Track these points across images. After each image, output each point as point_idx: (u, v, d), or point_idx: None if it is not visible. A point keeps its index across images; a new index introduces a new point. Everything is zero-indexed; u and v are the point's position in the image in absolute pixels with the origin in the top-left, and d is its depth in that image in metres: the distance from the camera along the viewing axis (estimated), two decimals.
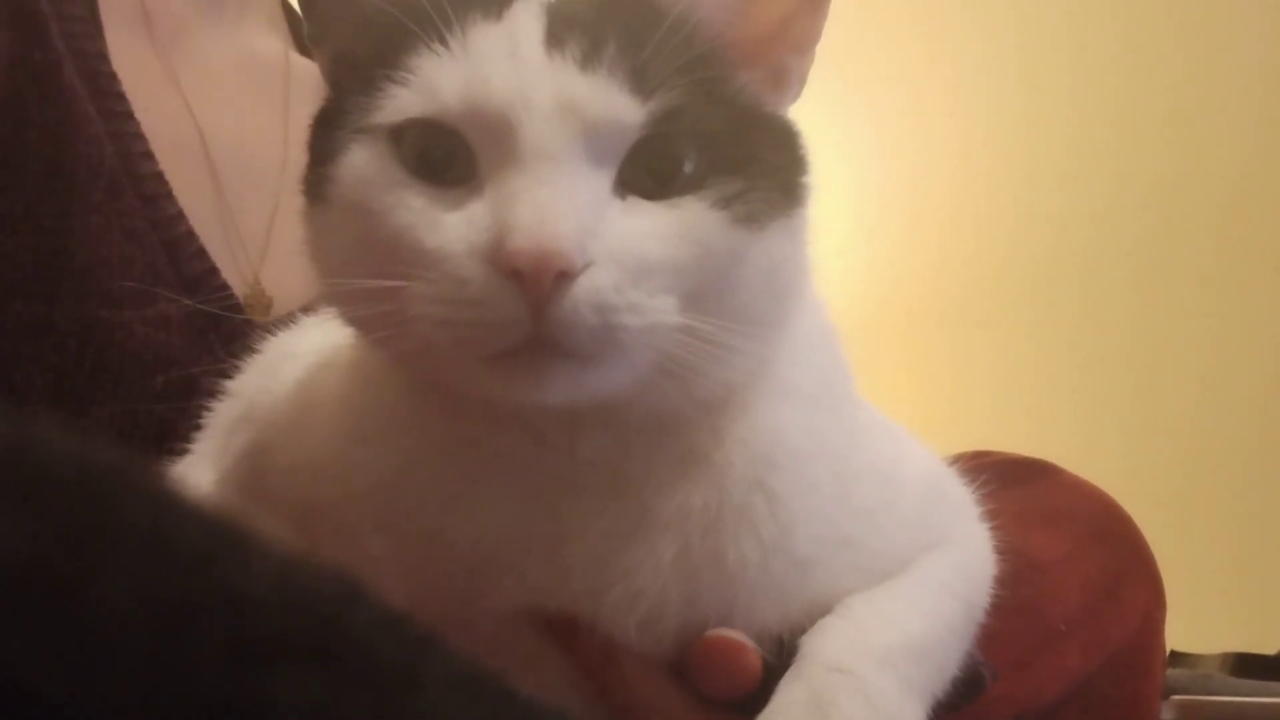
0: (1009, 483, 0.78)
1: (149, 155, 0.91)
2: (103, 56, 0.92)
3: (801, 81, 0.59)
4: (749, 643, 0.57)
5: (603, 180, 0.50)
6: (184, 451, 0.74)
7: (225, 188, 0.97)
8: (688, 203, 0.51)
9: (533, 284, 0.47)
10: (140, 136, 0.91)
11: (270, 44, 1.06)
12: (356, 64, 0.54)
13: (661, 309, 0.49)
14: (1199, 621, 1.40)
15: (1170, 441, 2.10)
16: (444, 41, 0.51)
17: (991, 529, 0.71)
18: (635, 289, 0.49)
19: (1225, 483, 2.05)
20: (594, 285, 0.48)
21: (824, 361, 0.63)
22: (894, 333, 2.23)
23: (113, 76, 0.91)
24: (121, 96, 0.91)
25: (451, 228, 0.49)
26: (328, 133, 0.54)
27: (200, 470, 0.71)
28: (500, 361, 0.49)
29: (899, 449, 0.67)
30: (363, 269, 0.51)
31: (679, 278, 0.50)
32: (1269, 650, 1.60)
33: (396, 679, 0.28)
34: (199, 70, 1.00)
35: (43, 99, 0.86)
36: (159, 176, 0.91)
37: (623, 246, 0.49)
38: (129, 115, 0.91)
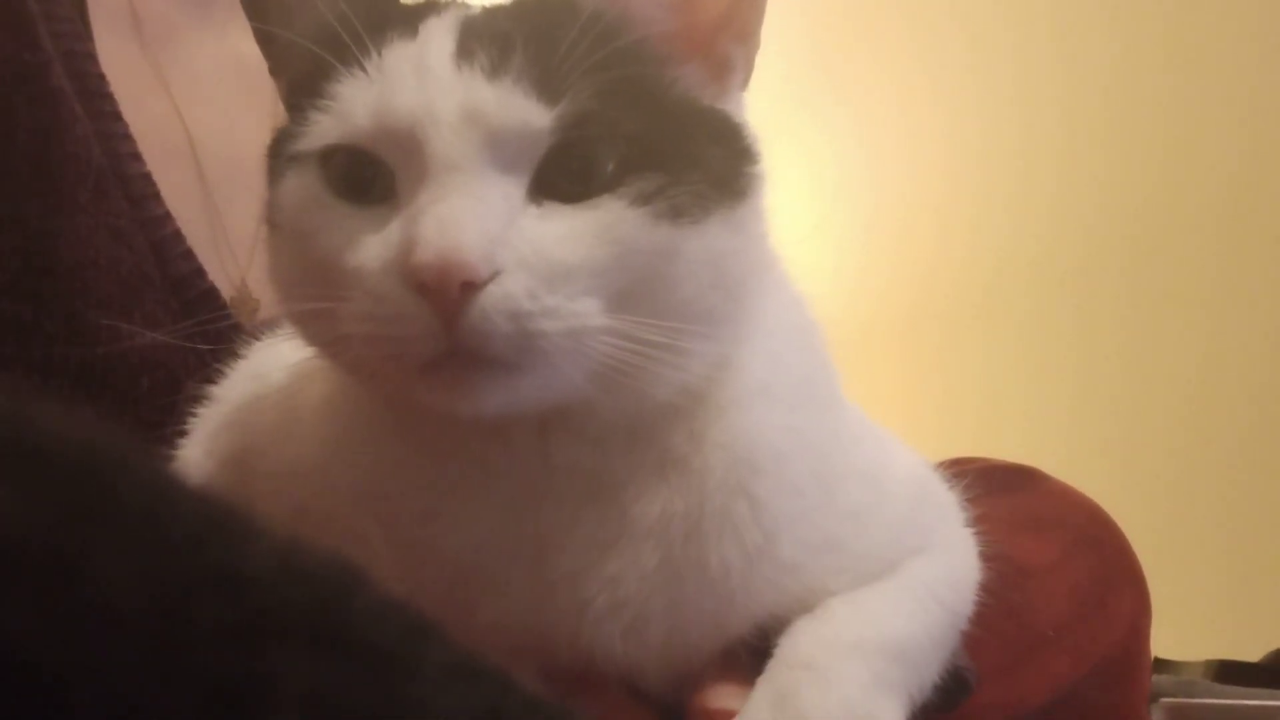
0: (995, 489, 0.78)
1: (137, 156, 0.91)
2: (91, 57, 0.92)
3: (748, 69, 0.58)
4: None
5: (514, 188, 0.50)
6: (169, 455, 0.73)
7: (213, 190, 0.97)
8: (605, 202, 0.50)
9: (438, 296, 0.47)
10: (128, 137, 0.91)
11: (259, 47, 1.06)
12: (297, 96, 0.55)
13: (582, 312, 0.49)
14: (1184, 629, 1.41)
15: (1158, 450, 2.11)
16: (363, 66, 0.52)
17: (979, 535, 0.71)
18: (551, 294, 0.48)
19: (1211, 492, 2.06)
20: (504, 293, 0.48)
21: (803, 359, 0.62)
22: (885, 339, 2.23)
23: (101, 77, 0.91)
24: (110, 97, 0.91)
25: (369, 246, 0.50)
26: (273, 161, 0.56)
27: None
28: (428, 373, 0.49)
29: (884, 451, 0.67)
30: (305, 291, 0.52)
31: (601, 279, 0.50)
32: (1253, 658, 1.61)
33: (395, 663, 0.28)
34: (187, 72, 1.00)
35: (31, 99, 0.86)
36: (147, 177, 0.91)
37: (535, 252, 0.49)
38: (117, 116, 0.91)
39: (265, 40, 0.60)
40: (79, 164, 0.86)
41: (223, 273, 0.95)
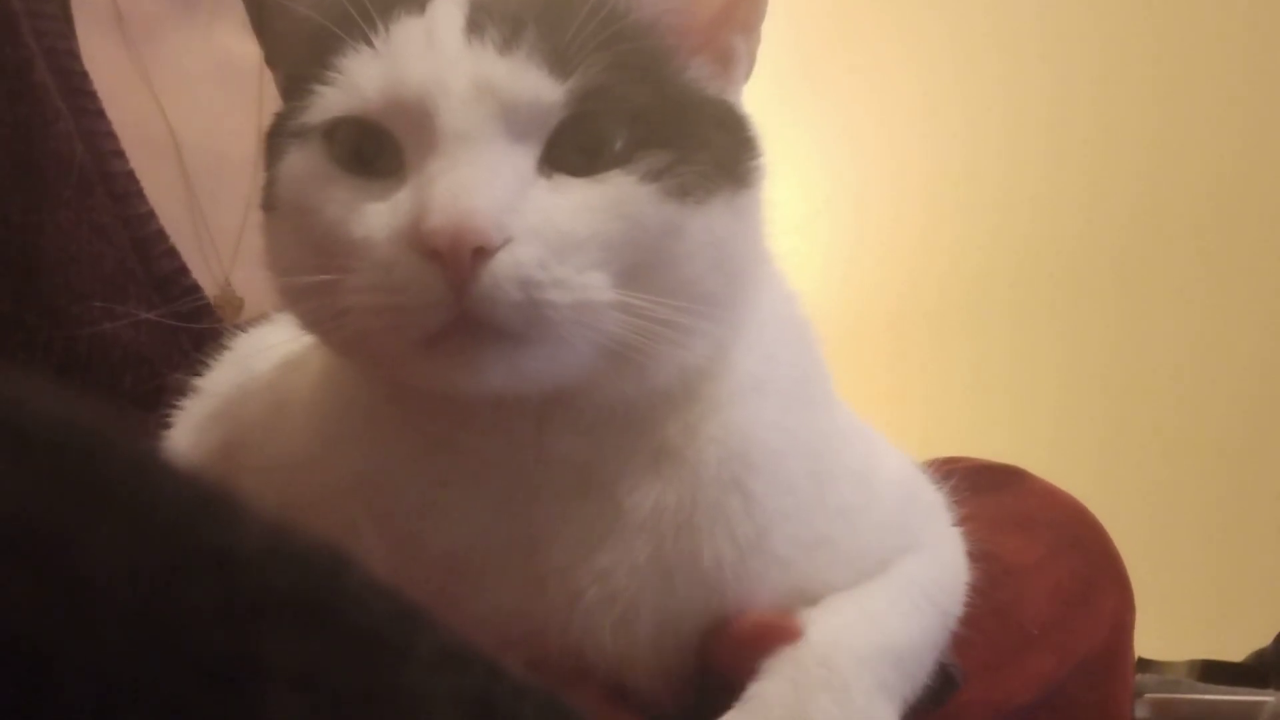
0: (980, 488, 0.78)
1: (120, 153, 0.90)
2: (74, 55, 0.91)
3: (751, 61, 0.59)
4: (790, 621, 0.57)
5: (525, 160, 0.50)
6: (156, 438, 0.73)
7: (197, 188, 0.97)
8: (615, 177, 0.51)
9: (451, 261, 0.47)
10: (111, 134, 0.90)
11: (244, 45, 1.06)
12: (300, 75, 0.55)
13: (591, 285, 0.49)
14: (1168, 629, 1.41)
15: (1143, 450, 2.12)
16: (369, 41, 0.52)
17: (964, 533, 0.71)
18: (561, 265, 0.49)
19: (1196, 491, 2.07)
20: (515, 260, 0.48)
21: (797, 357, 0.63)
22: (871, 338, 2.24)
23: (84, 75, 0.91)
24: (93, 94, 0.91)
25: (376, 216, 0.50)
26: (273, 142, 0.56)
27: None
28: (433, 346, 0.49)
29: (873, 451, 0.67)
30: (304, 267, 0.52)
31: (610, 253, 0.50)
32: (1236, 658, 1.62)
33: (385, 647, 0.28)
34: (171, 70, 1.00)
35: (13, 96, 0.86)
36: (130, 175, 0.90)
37: (546, 222, 0.49)
38: (100, 113, 0.90)
39: (262, 27, 0.60)
40: (61, 161, 0.86)
41: (206, 271, 0.95)
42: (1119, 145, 2.19)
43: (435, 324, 0.48)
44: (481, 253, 0.47)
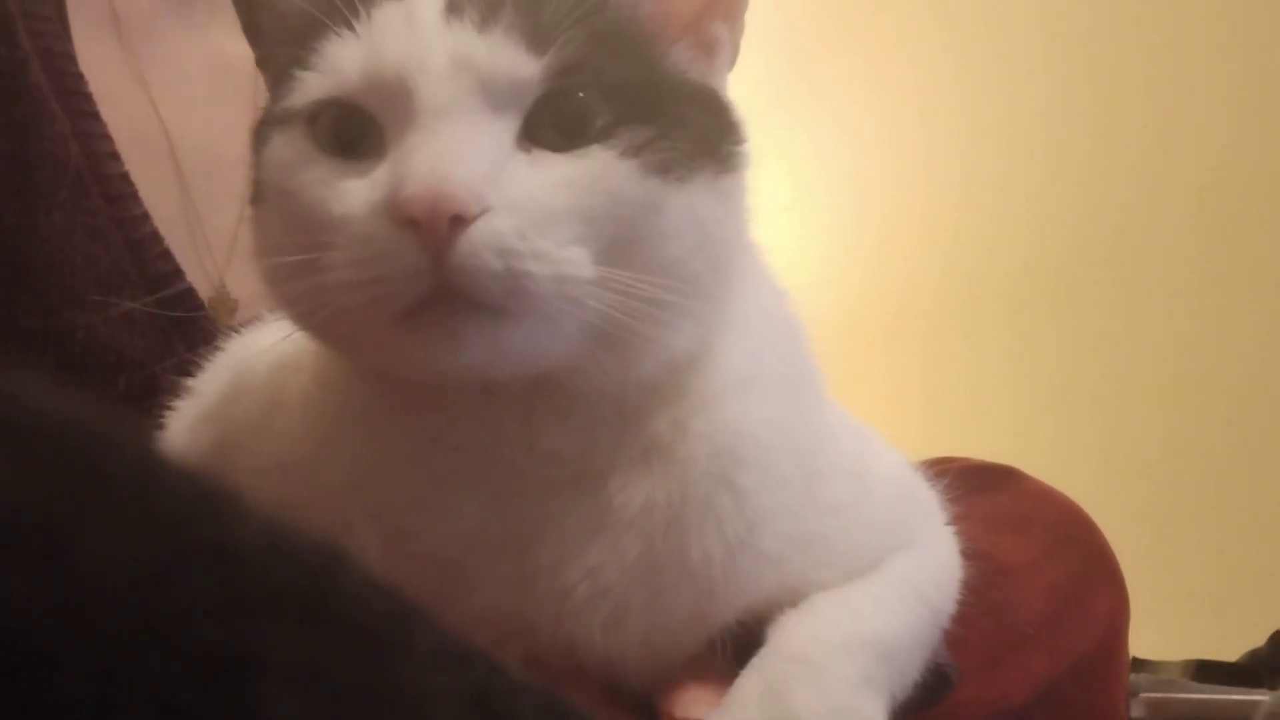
0: (975, 488, 0.78)
1: (114, 155, 0.90)
2: (69, 56, 0.91)
3: (734, 49, 0.59)
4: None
5: (503, 134, 0.50)
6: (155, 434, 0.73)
7: (192, 189, 0.97)
8: (595, 152, 0.51)
9: (428, 229, 0.47)
10: (106, 136, 0.90)
11: (241, 47, 1.06)
12: (285, 66, 0.56)
13: (571, 260, 0.49)
14: (1163, 629, 1.41)
15: (1139, 451, 2.12)
16: (352, 27, 0.53)
17: (959, 533, 0.71)
18: (540, 237, 0.48)
19: (1191, 491, 2.07)
20: (493, 229, 0.48)
21: (786, 353, 0.63)
22: (868, 338, 2.24)
23: (79, 76, 0.91)
24: (88, 96, 0.91)
25: (356, 193, 0.50)
26: (259, 132, 0.56)
27: None
28: (413, 320, 0.49)
29: (867, 449, 0.67)
30: (287, 248, 0.52)
31: (590, 228, 0.50)
32: (1231, 657, 1.62)
33: (383, 644, 0.28)
34: (167, 71, 1.00)
35: (8, 97, 0.86)
36: (124, 176, 0.90)
37: (524, 195, 0.49)
38: (95, 115, 0.90)
39: (252, 27, 0.60)
40: (56, 162, 0.86)
41: (201, 273, 0.95)
42: (1117, 142, 2.20)
43: (414, 295, 0.48)
44: (459, 221, 0.47)
